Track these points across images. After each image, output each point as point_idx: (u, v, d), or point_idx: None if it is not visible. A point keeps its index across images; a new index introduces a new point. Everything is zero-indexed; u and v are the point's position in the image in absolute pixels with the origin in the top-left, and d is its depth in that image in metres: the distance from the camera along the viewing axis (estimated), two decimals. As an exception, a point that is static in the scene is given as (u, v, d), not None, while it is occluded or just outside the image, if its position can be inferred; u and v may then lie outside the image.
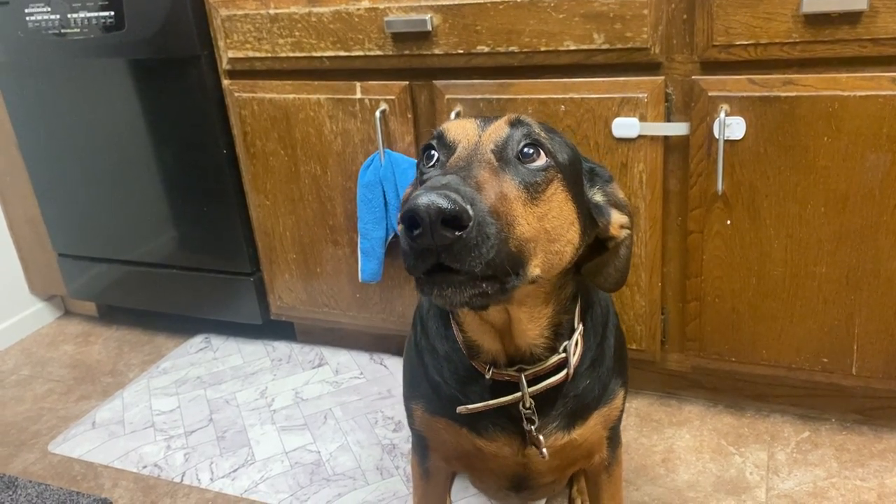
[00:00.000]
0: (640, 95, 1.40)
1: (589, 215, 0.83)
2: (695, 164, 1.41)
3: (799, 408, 1.64)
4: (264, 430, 1.73)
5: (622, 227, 0.86)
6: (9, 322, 2.29)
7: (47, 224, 2.17)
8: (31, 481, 1.65)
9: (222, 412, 1.82)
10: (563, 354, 0.87)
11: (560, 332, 0.87)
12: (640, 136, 1.42)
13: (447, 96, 1.54)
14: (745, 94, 1.33)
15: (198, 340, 2.18)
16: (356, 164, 1.68)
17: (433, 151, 0.80)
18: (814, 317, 1.43)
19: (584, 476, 1.11)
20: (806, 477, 1.46)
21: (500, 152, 0.75)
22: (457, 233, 0.63)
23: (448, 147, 0.79)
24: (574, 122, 1.46)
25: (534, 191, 0.73)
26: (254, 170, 1.80)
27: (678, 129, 1.40)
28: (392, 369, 1.92)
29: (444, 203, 0.61)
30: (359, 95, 1.62)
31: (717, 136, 1.36)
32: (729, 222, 1.42)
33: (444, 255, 0.64)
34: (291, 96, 1.68)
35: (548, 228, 0.74)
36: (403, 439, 1.66)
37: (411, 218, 0.62)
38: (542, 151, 0.76)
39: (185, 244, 2.00)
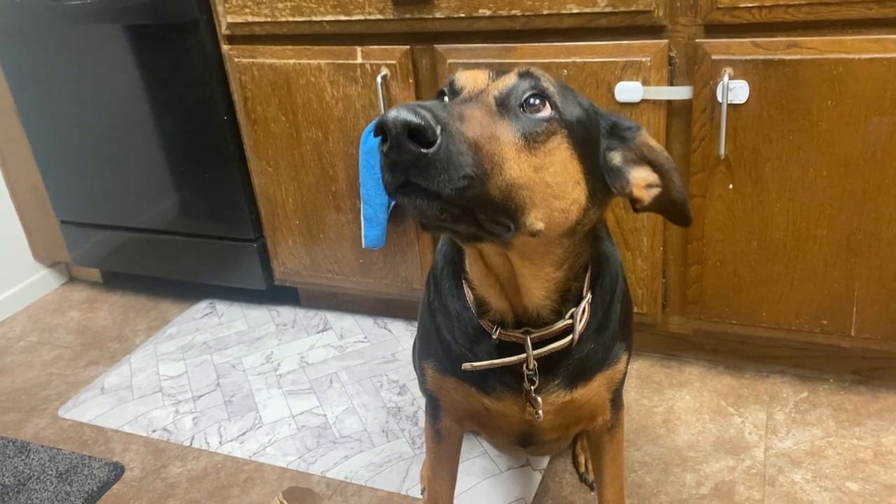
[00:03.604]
0: (644, 59, 1.39)
1: (602, 179, 0.81)
2: (697, 128, 1.41)
3: (798, 368, 1.66)
4: (271, 394, 1.76)
5: (650, 185, 0.84)
6: (14, 289, 2.31)
7: (49, 191, 2.17)
8: (43, 446, 1.68)
9: (229, 377, 1.85)
10: (570, 321, 0.88)
11: (567, 298, 0.88)
12: (643, 101, 1.42)
13: (449, 61, 1.53)
14: (748, 57, 1.32)
15: (202, 306, 2.20)
16: (358, 130, 1.68)
17: (445, 98, 0.79)
18: (814, 279, 1.45)
19: (587, 437, 1.14)
20: (804, 436, 1.49)
21: (504, 99, 0.74)
22: (422, 150, 0.63)
23: (456, 93, 0.78)
24: (577, 86, 1.45)
25: (532, 140, 0.73)
26: (255, 136, 1.80)
27: (681, 93, 1.40)
28: (396, 333, 1.94)
29: (410, 117, 0.62)
30: (360, 60, 1.61)
31: (720, 100, 1.35)
32: (731, 186, 1.43)
33: (412, 171, 0.65)
34: (292, 61, 1.67)
35: (548, 181, 0.74)
36: (408, 402, 1.68)
37: (381, 129, 0.64)
38: (547, 104, 0.75)
39: (187, 211, 2.01)
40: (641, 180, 0.84)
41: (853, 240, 1.39)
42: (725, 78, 1.34)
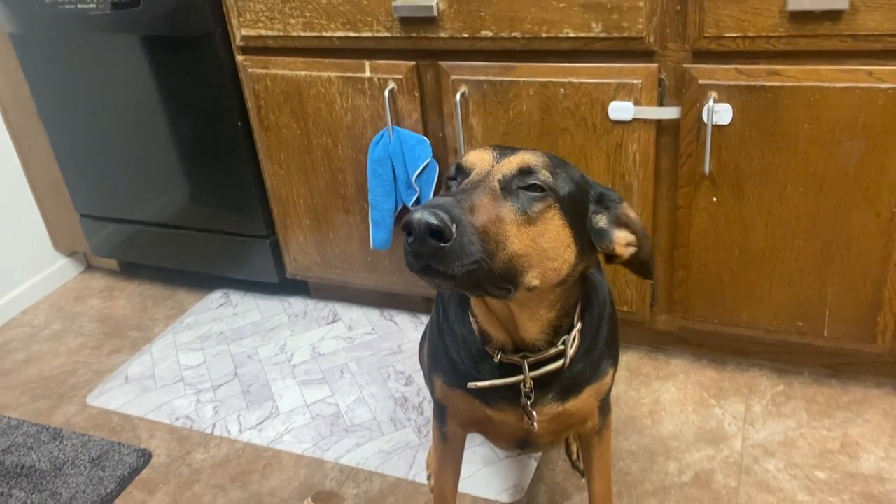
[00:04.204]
0: (635, 81, 1.49)
1: (589, 240, 0.94)
2: (685, 145, 1.51)
3: (776, 362, 1.79)
4: (286, 384, 1.89)
5: (628, 244, 0.97)
6: (36, 278, 2.43)
7: (69, 187, 2.27)
8: (74, 433, 1.81)
9: (246, 367, 1.97)
10: (562, 347, 1.01)
11: (560, 331, 1.00)
12: (634, 119, 1.52)
13: (452, 77, 1.63)
14: (732, 82, 1.42)
15: (217, 296, 2.31)
16: (366, 139, 1.77)
17: (452, 177, 0.92)
18: (790, 285, 1.57)
19: (578, 437, 1.26)
20: (778, 427, 1.62)
21: (507, 184, 0.87)
22: (441, 244, 0.77)
23: (465, 172, 0.91)
24: (573, 104, 1.55)
25: (530, 215, 0.86)
26: (268, 141, 1.90)
27: (670, 113, 1.50)
28: (401, 326, 2.07)
29: (431, 219, 0.76)
30: (368, 74, 1.70)
31: (705, 121, 1.45)
32: (715, 199, 1.54)
33: (432, 259, 0.78)
34: (303, 73, 1.76)
35: (544, 247, 0.87)
36: (413, 393, 1.81)
37: (408, 227, 0.77)
38: (545, 188, 0.87)
39: (203, 207, 2.11)
40: (622, 239, 0.97)
41: (826, 250, 1.50)
42: (711, 101, 1.44)
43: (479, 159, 0.91)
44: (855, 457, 1.53)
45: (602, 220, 0.96)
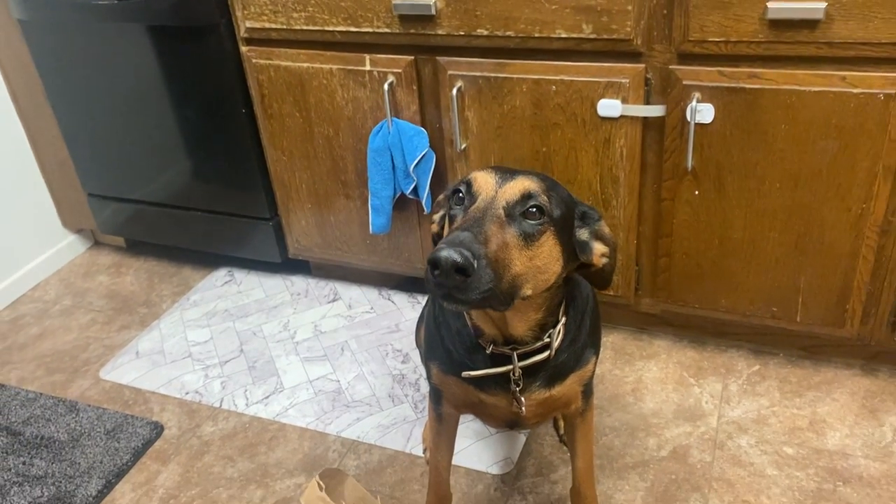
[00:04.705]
0: (623, 80, 1.56)
1: (573, 251, 1.05)
2: (669, 141, 1.60)
3: (752, 344, 1.89)
4: (290, 361, 1.99)
5: (602, 255, 1.08)
6: (46, 254, 2.51)
7: (77, 168, 2.35)
8: (89, 405, 1.91)
9: (251, 343, 2.07)
10: (548, 340, 1.11)
11: (546, 327, 1.11)
12: (622, 116, 1.60)
13: (449, 72, 1.70)
14: (715, 84, 1.50)
15: (221, 274, 2.41)
16: (366, 129, 1.85)
17: (461, 194, 1.02)
18: (766, 274, 1.66)
19: (563, 417, 1.37)
20: (752, 406, 1.74)
21: (510, 210, 0.97)
22: (465, 279, 0.87)
23: (471, 195, 1.01)
24: (563, 100, 1.62)
25: (529, 239, 0.97)
26: (271, 129, 1.97)
27: (655, 111, 1.58)
28: (399, 305, 2.16)
29: (458, 259, 0.87)
30: (368, 67, 1.77)
31: (689, 120, 1.53)
32: (697, 193, 1.62)
33: (453, 289, 0.89)
34: (306, 65, 1.83)
35: (538, 265, 0.98)
36: (410, 370, 1.92)
37: (434, 263, 0.87)
38: (543, 211, 0.98)
39: (208, 189, 2.19)
40: (599, 251, 1.08)
41: (800, 242, 1.60)
42: (694, 101, 1.51)
43: (484, 183, 1.01)
44: (822, 434, 1.65)
45: (584, 234, 1.07)
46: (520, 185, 0.99)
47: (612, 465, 1.61)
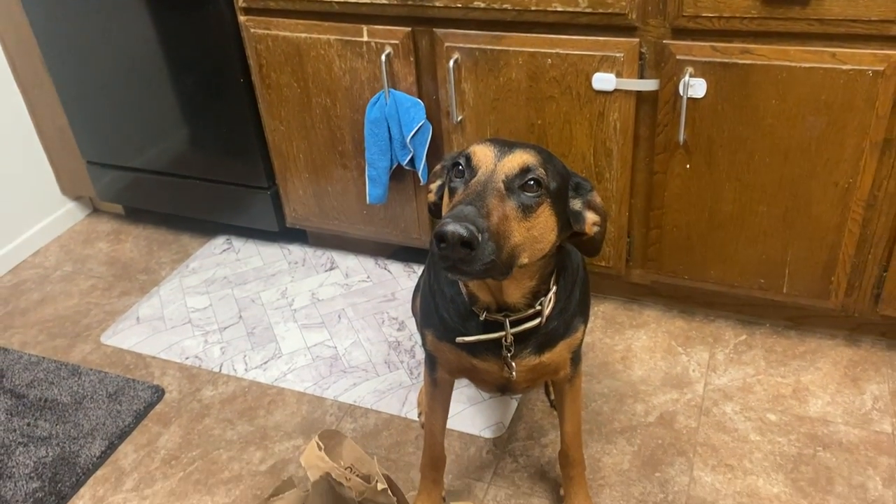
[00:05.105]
0: (618, 54, 1.58)
1: (567, 220, 1.09)
2: (662, 115, 1.62)
3: (740, 314, 1.94)
4: (288, 328, 2.03)
5: (594, 224, 1.11)
6: (45, 221, 2.53)
7: (75, 135, 2.36)
8: (91, 369, 1.96)
9: (249, 310, 2.11)
10: (540, 307, 1.15)
11: (538, 295, 1.14)
12: (616, 90, 1.62)
13: (446, 44, 1.71)
14: (707, 59, 1.52)
15: (220, 241, 2.44)
16: (363, 99, 1.87)
17: (460, 167, 1.04)
18: (754, 246, 1.70)
19: (552, 383, 1.42)
20: (738, 374, 1.79)
21: (510, 183, 1.01)
22: (470, 251, 0.92)
23: (471, 168, 1.04)
24: (559, 73, 1.64)
25: (527, 211, 1.00)
26: (269, 98, 1.99)
27: (649, 85, 1.60)
28: (395, 274, 2.20)
29: (464, 233, 0.90)
30: (365, 38, 1.79)
31: (681, 94, 1.56)
32: (688, 166, 1.66)
33: (458, 261, 0.93)
34: (303, 35, 1.84)
35: (535, 235, 1.02)
36: (406, 338, 1.96)
37: (441, 237, 0.91)
38: (540, 184, 1.01)
39: (206, 158, 2.21)
40: (591, 220, 1.11)
41: (788, 215, 1.63)
42: (687, 76, 1.54)
43: (483, 156, 1.04)
44: (804, 401, 1.70)
45: (577, 205, 1.10)
46: (518, 159, 1.02)
47: (600, 430, 1.67)
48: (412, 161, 1.87)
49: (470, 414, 1.72)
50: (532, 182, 1.01)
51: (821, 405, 1.69)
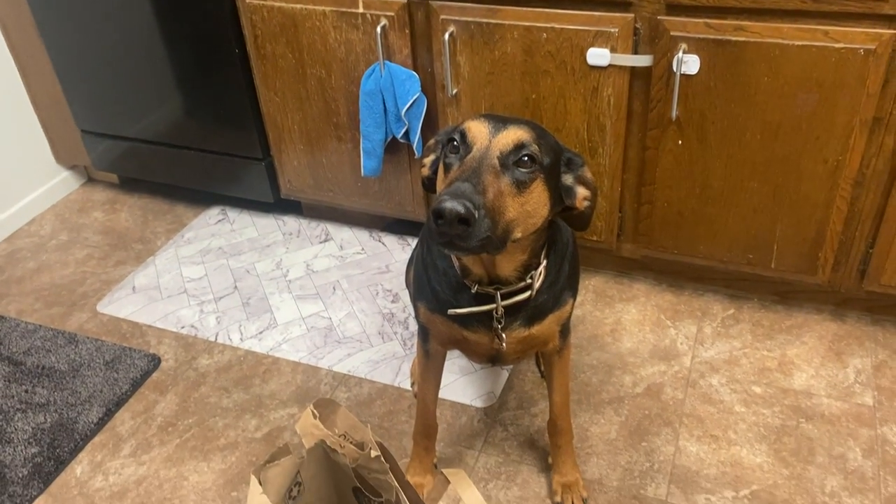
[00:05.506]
0: (613, 30, 1.59)
1: (559, 195, 1.11)
2: (655, 91, 1.63)
3: (729, 288, 1.97)
4: (282, 298, 2.05)
5: (585, 199, 1.13)
6: (40, 190, 2.54)
7: (70, 104, 2.36)
8: (88, 337, 1.98)
9: (244, 281, 2.13)
10: (530, 281, 1.17)
11: (529, 268, 1.17)
12: (610, 65, 1.63)
13: (441, 16, 1.72)
14: (701, 35, 1.53)
15: (215, 212, 2.45)
16: (358, 71, 1.87)
17: (455, 143, 1.06)
18: (744, 222, 1.72)
19: (542, 355, 1.45)
20: (724, 347, 1.82)
21: (504, 160, 1.02)
22: (467, 228, 0.94)
23: (466, 144, 1.05)
24: (554, 48, 1.65)
25: (521, 186, 1.02)
26: (264, 69, 1.99)
27: (643, 60, 1.61)
28: (389, 246, 2.22)
29: (461, 210, 0.93)
30: (361, 10, 1.78)
31: (675, 70, 1.57)
32: (680, 142, 1.67)
33: (455, 237, 0.96)
34: (299, 6, 1.84)
35: (529, 210, 1.04)
36: (400, 309, 1.99)
37: (439, 214, 0.93)
38: (534, 160, 1.03)
39: (201, 128, 2.21)
40: (582, 194, 1.13)
41: (778, 192, 1.65)
42: (680, 52, 1.55)
43: (478, 132, 1.05)
44: (789, 374, 1.74)
45: (569, 180, 1.12)
46: (512, 136, 1.04)
47: (589, 401, 1.70)
48: (407, 134, 1.88)
49: (462, 384, 1.75)
50: (526, 158, 1.02)
51: (805, 378, 1.72)
